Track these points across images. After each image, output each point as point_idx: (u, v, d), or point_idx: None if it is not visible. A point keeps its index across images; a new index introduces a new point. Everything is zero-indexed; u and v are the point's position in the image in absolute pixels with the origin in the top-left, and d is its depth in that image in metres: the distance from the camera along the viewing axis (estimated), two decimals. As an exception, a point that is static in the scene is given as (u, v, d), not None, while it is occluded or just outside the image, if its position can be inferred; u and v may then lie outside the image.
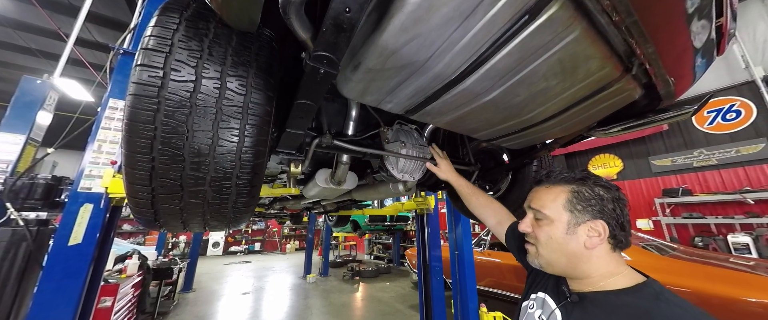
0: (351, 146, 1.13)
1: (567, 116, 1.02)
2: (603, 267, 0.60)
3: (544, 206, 0.65)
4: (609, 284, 0.58)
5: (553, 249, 0.62)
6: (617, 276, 0.58)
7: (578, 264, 0.60)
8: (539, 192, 0.69)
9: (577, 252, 0.60)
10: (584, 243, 0.59)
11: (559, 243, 0.61)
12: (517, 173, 1.59)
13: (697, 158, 4.99)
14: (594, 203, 0.60)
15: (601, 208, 0.60)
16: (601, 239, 0.58)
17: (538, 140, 1.29)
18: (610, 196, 0.61)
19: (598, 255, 0.59)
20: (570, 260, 0.61)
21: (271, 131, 0.73)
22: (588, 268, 0.60)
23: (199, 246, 7.09)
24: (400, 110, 0.92)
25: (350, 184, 1.56)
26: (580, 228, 0.60)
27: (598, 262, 0.60)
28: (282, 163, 1.05)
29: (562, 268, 0.63)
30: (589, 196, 0.61)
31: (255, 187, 0.72)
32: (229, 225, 0.79)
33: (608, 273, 0.59)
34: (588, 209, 0.60)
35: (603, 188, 0.63)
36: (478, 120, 1.01)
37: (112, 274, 3.34)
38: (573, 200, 0.62)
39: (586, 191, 0.62)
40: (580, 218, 0.60)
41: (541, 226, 0.65)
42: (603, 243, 0.59)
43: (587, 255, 0.59)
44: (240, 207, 0.73)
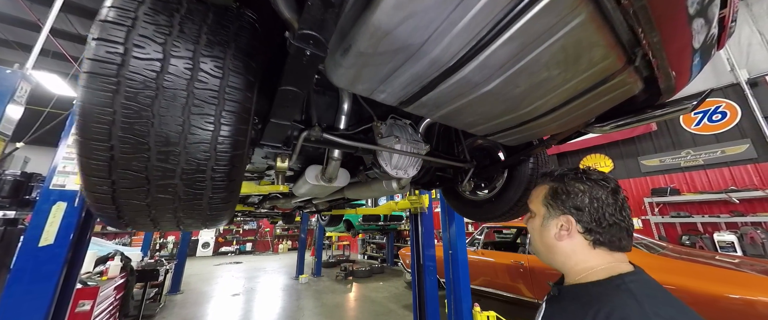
0: (342, 140, 1.07)
1: (566, 110, 0.98)
2: (581, 261, 0.61)
3: (532, 202, 0.72)
4: (585, 277, 0.60)
5: (536, 241, 0.69)
6: (596, 269, 0.59)
7: (553, 255, 0.64)
8: (534, 189, 0.75)
9: (550, 243, 0.64)
10: (554, 236, 0.63)
11: (538, 236, 0.67)
12: (513, 171, 1.56)
13: (685, 159, 5.10)
14: (564, 199, 0.63)
15: (572, 203, 0.62)
16: (570, 233, 0.61)
17: (535, 137, 1.26)
18: (589, 193, 0.62)
19: (572, 249, 0.61)
20: (548, 251, 0.65)
21: (252, 119, 0.67)
22: (563, 261, 0.63)
23: (187, 246, 6.89)
24: (394, 101, 0.86)
25: (342, 181, 1.50)
26: (551, 222, 0.64)
27: (575, 256, 0.61)
28: (268, 157, 0.99)
29: (545, 258, 0.68)
30: (561, 192, 0.64)
31: (234, 181, 0.66)
32: (206, 224, 0.72)
33: (588, 267, 0.60)
34: (558, 205, 0.64)
35: (583, 184, 0.63)
36: (475, 113, 0.96)
37: (92, 276, 3.19)
38: (548, 196, 0.66)
39: (560, 188, 0.65)
40: (553, 213, 0.64)
41: (530, 219, 0.72)
42: (572, 237, 0.61)
43: (559, 247, 0.62)
44: (217, 204, 0.66)
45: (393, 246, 10.47)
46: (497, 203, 1.62)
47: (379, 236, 11.40)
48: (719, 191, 4.61)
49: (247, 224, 15.11)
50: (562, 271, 0.66)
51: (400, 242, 10.66)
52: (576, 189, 0.63)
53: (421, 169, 1.84)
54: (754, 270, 2.54)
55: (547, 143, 1.33)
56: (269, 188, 1.42)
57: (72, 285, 1.78)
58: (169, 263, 6.47)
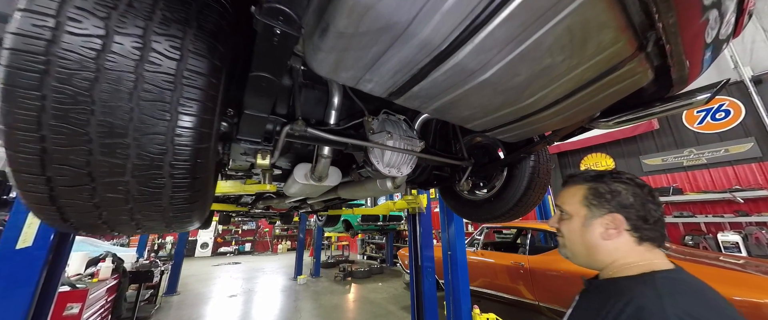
0: (328, 135, 0.99)
1: (571, 102, 0.91)
2: (622, 258, 0.61)
3: (565, 203, 0.71)
4: (618, 272, 0.61)
5: (574, 242, 0.68)
6: (633, 265, 0.60)
7: (596, 255, 0.64)
8: (563, 191, 0.74)
9: (594, 243, 0.63)
10: (600, 235, 0.63)
11: (578, 236, 0.66)
12: (514, 169, 1.48)
13: (688, 157, 5.03)
14: (609, 198, 0.63)
15: (618, 202, 0.63)
16: (619, 231, 0.61)
17: (537, 132, 1.19)
18: (630, 191, 0.63)
19: (617, 246, 0.62)
20: (589, 251, 0.65)
21: (220, 110, 0.59)
22: (605, 258, 0.63)
23: (184, 247, 6.82)
24: (383, 92, 0.79)
25: (333, 180, 1.42)
26: (596, 221, 0.64)
27: (617, 254, 0.62)
28: (247, 154, 0.92)
29: (584, 260, 0.67)
30: (604, 191, 0.65)
31: (199, 179, 0.58)
32: (172, 227, 0.65)
33: (626, 263, 0.60)
34: (603, 204, 0.64)
35: (623, 183, 0.65)
36: (472, 106, 0.89)
37: (82, 278, 3.12)
38: (589, 196, 0.66)
39: (602, 187, 0.66)
40: (597, 212, 0.64)
41: (564, 221, 0.70)
42: (621, 235, 0.61)
43: (604, 246, 0.62)
44: (180, 204, 0.59)
45: (392, 246, 10.39)
46: (496, 203, 1.55)
47: (379, 237, 11.33)
48: (723, 190, 4.54)
49: (245, 224, 15.04)
50: (600, 270, 0.66)
51: (399, 242, 10.59)
52: (618, 188, 0.64)
53: (417, 168, 1.77)
54: (760, 271, 2.46)
55: (549, 140, 1.26)
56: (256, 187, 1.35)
57: (53, 290, 1.71)
58: (166, 264, 6.41)
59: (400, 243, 10.49)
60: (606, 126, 1.18)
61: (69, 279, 2.80)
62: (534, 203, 1.49)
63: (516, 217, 1.56)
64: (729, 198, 4.44)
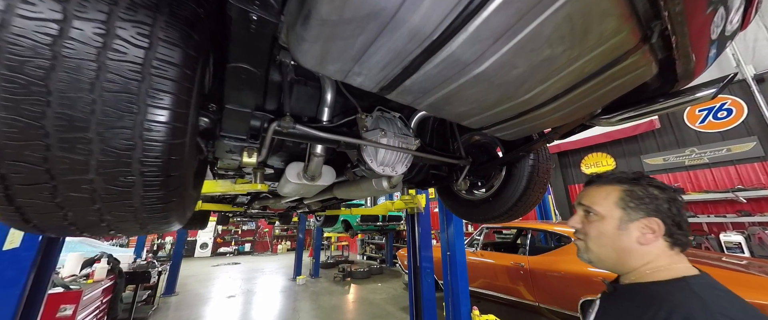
0: (318, 132, 0.96)
1: (571, 97, 0.87)
2: (651, 262, 0.60)
3: (596, 203, 0.67)
4: (645, 276, 0.59)
5: (604, 245, 0.64)
6: (661, 269, 0.59)
7: (628, 259, 0.62)
8: (590, 190, 0.71)
9: (628, 247, 0.61)
10: (636, 239, 0.60)
11: (610, 239, 0.63)
12: (512, 168, 1.44)
13: (689, 157, 4.98)
14: (647, 202, 0.62)
15: (655, 206, 0.61)
16: (656, 236, 0.60)
17: (536, 130, 1.15)
18: (665, 196, 0.62)
19: (650, 250, 0.60)
20: (620, 255, 0.62)
21: (195, 102, 0.55)
22: (635, 263, 0.61)
23: (183, 247, 6.79)
24: (374, 86, 0.75)
25: (327, 180, 1.39)
26: (632, 225, 0.61)
27: (649, 257, 0.60)
28: (233, 152, 0.88)
29: (611, 263, 0.64)
30: (642, 195, 0.63)
31: (174, 177, 0.55)
32: (147, 228, 0.61)
33: (654, 267, 0.59)
34: (641, 207, 0.62)
35: (657, 188, 0.64)
36: (468, 102, 0.85)
37: (77, 279, 3.08)
38: (626, 199, 0.64)
39: (640, 190, 0.63)
40: (633, 216, 0.62)
41: (591, 222, 0.67)
42: (658, 239, 0.60)
43: (639, 250, 0.61)
44: (154, 204, 0.55)
45: (392, 246, 10.36)
46: (495, 202, 1.51)
47: (378, 237, 11.29)
48: (725, 190, 4.49)
49: (245, 224, 15.01)
50: (625, 273, 0.64)
51: (399, 242, 10.55)
52: (652, 193, 0.62)
53: (413, 167, 1.73)
54: (763, 271, 2.42)
55: (549, 138, 1.22)
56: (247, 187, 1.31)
57: (42, 291, 1.67)
58: (164, 264, 6.38)
59: (399, 243, 10.45)
60: (607, 123, 1.15)
61: (63, 281, 2.77)
62: (533, 203, 1.45)
63: (515, 217, 1.53)
64: (731, 198, 4.40)
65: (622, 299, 0.62)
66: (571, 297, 3.10)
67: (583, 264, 3.10)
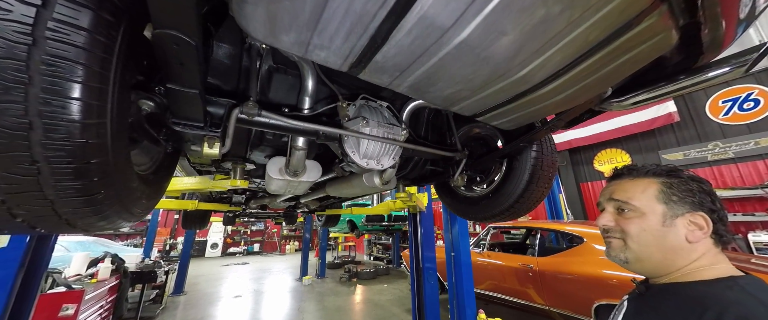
0: (290, 121, 0.87)
1: (575, 74, 0.75)
2: (693, 261, 0.55)
3: (633, 198, 0.60)
4: (688, 276, 0.54)
5: (648, 243, 0.57)
6: (704, 269, 0.54)
7: (676, 258, 0.55)
8: (622, 184, 0.64)
9: (676, 245, 0.55)
10: (685, 236, 0.55)
11: (655, 236, 0.57)
12: (514, 161, 1.32)
13: (712, 151, 4.66)
14: (691, 195, 0.56)
15: (699, 200, 0.56)
16: (705, 232, 0.54)
17: (536, 116, 1.03)
18: (706, 189, 0.57)
19: (699, 250, 0.55)
20: (666, 254, 0.56)
21: (117, 77, 0.47)
22: (681, 263, 0.55)
23: (190, 247, 6.88)
24: (341, 63, 0.66)
25: (312, 176, 1.30)
26: (678, 221, 0.56)
27: (694, 256, 0.55)
28: (192, 142, 0.80)
29: (654, 264, 0.58)
30: (685, 187, 0.57)
31: (95, 165, 0.47)
32: (76, 225, 0.53)
33: (696, 266, 0.54)
34: (686, 201, 0.56)
35: (696, 181, 0.59)
36: (454, 81, 0.74)
37: (82, 279, 3.12)
38: (667, 191, 0.58)
39: (681, 183, 0.58)
40: (678, 210, 0.56)
41: (629, 218, 0.60)
42: (706, 236, 0.55)
43: (688, 249, 0.55)
44: (75, 197, 0.48)
45: (398, 246, 10.24)
46: (495, 199, 1.39)
47: (385, 237, 11.20)
48: (753, 186, 4.17)
49: (254, 225, 15.20)
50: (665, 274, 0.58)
51: (405, 242, 10.42)
52: (692, 187, 0.57)
53: (408, 161, 1.62)
54: (802, 275, 2.19)
55: (552, 126, 1.09)
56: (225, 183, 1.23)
57: (33, 291, 1.66)
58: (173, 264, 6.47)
59: (405, 243, 10.33)
60: (619, 107, 1.01)
61: (66, 280, 2.79)
62: (537, 200, 1.32)
63: (518, 215, 1.40)
64: (760, 195, 4.08)
65: (659, 300, 0.56)
66: (585, 301, 2.92)
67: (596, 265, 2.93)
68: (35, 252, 1.64)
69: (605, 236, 0.64)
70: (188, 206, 2.71)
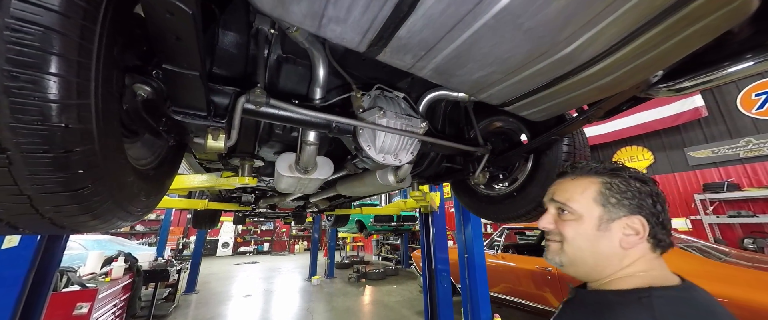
0: (302, 110, 0.79)
1: (627, 52, 0.65)
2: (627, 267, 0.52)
3: (571, 199, 0.58)
4: (612, 283, 0.53)
5: (582, 247, 0.55)
6: (629, 277, 0.51)
7: (607, 264, 0.53)
8: (564, 184, 0.61)
9: (609, 251, 0.53)
10: (619, 242, 0.52)
11: (589, 241, 0.55)
12: (541, 157, 1.21)
13: (745, 148, 4.36)
14: (630, 197, 0.54)
15: (638, 203, 0.53)
16: (640, 237, 0.52)
17: (573, 105, 0.92)
18: (648, 190, 0.54)
19: (634, 256, 0.52)
20: (598, 260, 0.54)
21: (104, 52, 0.40)
22: (613, 269, 0.53)
23: (202, 246, 6.97)
24: (360, 39, 0.58)
25: (323, 173, 1.23)
26: (614, 225, 0.53)
27: (626, 262, 0.52)
28: (196, 134, 0.74)
29: (587, 269, 0.56)
30: (624, 188, 0.54)
31: (77, 154, 0.40)
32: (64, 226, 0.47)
33: (628, 273, 0.52)
34: (624, 204, 0.53)
35: (640, 181, 0.55)
36: (486, 61, 0.65)
37: (96, 278, 3.16)
38: (606, 193, 0.55)
39: (621, 184, 0.55)
40: (615, 214, 0.54)
41: (566, 221, 0.57)
42: (642, 242, 0.52)
43: (620, 255, 0.53)
44: (55, 193, 0.41)
45: (407, 247, 10.14)
46: (521, 198, 1.28)
47: (394, 237, 11.11)
48: (792, 185, 3.88)
49: (263, 224, 15.38)
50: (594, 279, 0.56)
51: (414, 243, 10.30)
52: (634, 187, 0.54)
53: (424, 158, 1.53)
54: None
55: (590, 116, 0.98)
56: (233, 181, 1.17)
57: (45, 290, 1.65)
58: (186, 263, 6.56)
59: (415, 244, 10.20)
60: (670, 92, 0.89)
61: (80, 279, 2.83)
62: (568, 199, 1.21)
63: (544, 215, 1.29)
64: (800, 194, 3.78)
65: (576, 306, 0.56)
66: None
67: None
68: (46, 250, 1.63)
69: (546, 238, 0.62)
70: (198, 205, 2.69)
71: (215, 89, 0.72)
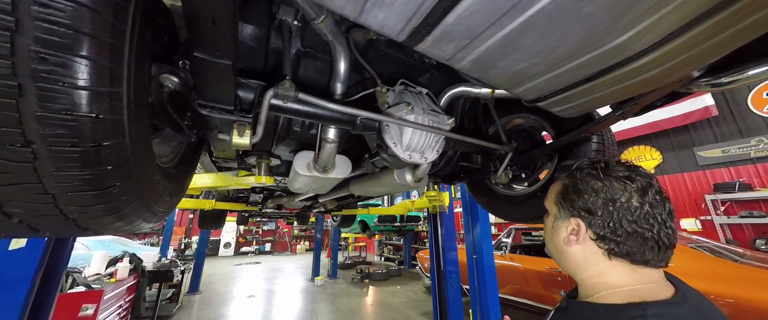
0: (330, 104, 0.75)
1: (684, 41, 0.60)
2: (597, 274, 0.53)
3: (547, 199, 0.64)
4: (601, 297, 0.51)
5: (547, 241, 0.62)
6: (616, 289, 0.50)
7: (564, 261, 0.58)
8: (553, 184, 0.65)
9: (560, 248, 0.57)
10: (563, 240, 0.55)
11: (548, 236, 0.61)
12: (569, 155, 1.16)
13: (756, 147, 4.30)
14: (574, 199, 0.54)
15: (584, 205, 0.53)
16: (579, 239, 0.53)
17: (612, 100, 0.87)
18: (604, 192, 0.51)
19: (584, 257, 0.54)
20: (558, 255, 0.59)
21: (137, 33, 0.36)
22: (575, 268, 0.56)
23: (205, 247, 6.95)
24: (402, 26, 0.54)
25: (341, 172, 1.19)
26: (561, 224, 0.56)
27: (588, 266, 0.53)
28: (220, 130, 0.70)
29: (558, 262, 0.60)
30: (577, 189, 0.55)
31: (108, 149, 0.36)
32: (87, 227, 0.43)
33: (608, 283, 0.51)
34: (571, 204, 0.55)
35: (598, 180, 0.53)
36: (532, 51, 0.61)
37: (101, 278, 3.12)
38: (561, 193, 0.58)
39: (577, 184, 0.55)
40: (563, 214, 0.56)
41: (545, 217, 0.64)
42: (583, 243, 0.53)
43: (568, 253, 0.55)
44: (82, 191, 0.37)
45: (410, 247, 10.09)
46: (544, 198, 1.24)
47: (396, 238, 11.06)
48: (805, 185, 3.82)
49: (265, 224, 15.36)
50: (576, 280, 0.58)
51: (417, 243, 10.26)
52: (589, 187, 0.53)
53: (443, 156, 1.49)
54: None
55: (626, 112, 0.93)
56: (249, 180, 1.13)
57: (52, 291, 1.61)
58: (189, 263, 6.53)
59: (418, 244, 10.16)
60: (711, 86, 0.84)
61: (86, 280, 2.79)
62: (595, 198, 1.16)
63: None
64: (814, 195, 3.73)
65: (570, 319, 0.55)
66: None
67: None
68: (54, 252, 1.60)
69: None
70: (205, 205, 2.66)
71: (240, 83, 0.68)
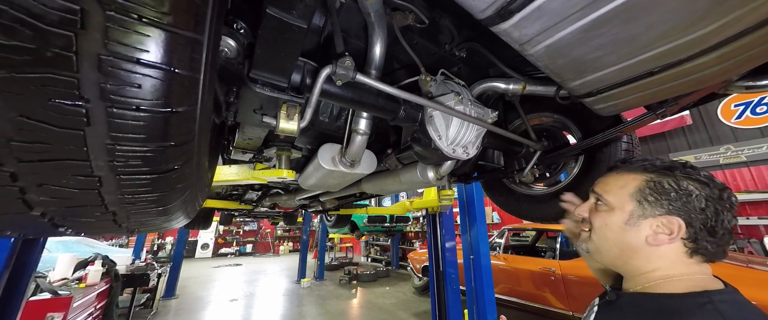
0: (385, 86, 0.68)
1: (755, 38, 0.59)
2: (662, 268, 0.52)
3: (608, 192, 0.60)
4: (660, 286, 0.51)
5: (606, 237, 0.58)
6: (677, 280, 0.50)
7: (631, 258, 0.55)
8: (608, 177, 0.63)
9: (634, 245, 0.54)
10: (646, 238, 0.53)
11: (614, 233, 0.57)
12: (598, 154, 1.16)
13: (724, 155, 4.67)
14: (674, 198, 0.52)
15: (683, 204, 0.51)
16: (672, 238, 0.51)
17: (656, 98, 0.86)
18: (704, 193, 0.50)
19: (662, 254, 0.52)
20: (623, 252, 0.56)
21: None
22: (643, 265, 0.54)
23: (183, 248, 6.52)
24: (490, 3, 0.47)
25: (367, 167, 1.11)
26: (645, 222, 0.53)
27: (659, 263, 0.52)
28: (264, 112, 0.60)
29: (612, 258, 0.58)
30: (668, 188, 0.53)
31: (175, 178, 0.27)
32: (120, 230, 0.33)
33: (667, 275, 0.51)
34: (662, 203, 0.52)
35: (697, 183, 0.52)
36: (617, 36, 0.57)
37: (68, 284, 2.81)
38: (645, 190, 0.55)
39: (668, 183, 0.53)
40: (649, 211, 0.53)
41: (599, 212, 0.60)
42: (674, 242, 0.51)
43: (646, 251, 0.53)
44: (143, 213, 0.28)
45: (398, 248, 10.07)
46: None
47: (384, 238, 11.00)
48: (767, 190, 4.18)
49: (247, 224, 14.75)
50: (628, 273, 0.57)
51: (405, 244, 10.26)
52: (690, 187, 0.52)
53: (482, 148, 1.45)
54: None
55: (663, 112, 0.93)
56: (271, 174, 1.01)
57: (18, 298, 1.40)
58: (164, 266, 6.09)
59: (405, 244, 10.15)
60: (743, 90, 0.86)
61: (51, 285, 2.49)
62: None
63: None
64: (774, 199, 4.09)
65: (626, 311, 0.54)
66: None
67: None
68: (21, 253, 1.39)
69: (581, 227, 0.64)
70: (193, 203, 2.45)
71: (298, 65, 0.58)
